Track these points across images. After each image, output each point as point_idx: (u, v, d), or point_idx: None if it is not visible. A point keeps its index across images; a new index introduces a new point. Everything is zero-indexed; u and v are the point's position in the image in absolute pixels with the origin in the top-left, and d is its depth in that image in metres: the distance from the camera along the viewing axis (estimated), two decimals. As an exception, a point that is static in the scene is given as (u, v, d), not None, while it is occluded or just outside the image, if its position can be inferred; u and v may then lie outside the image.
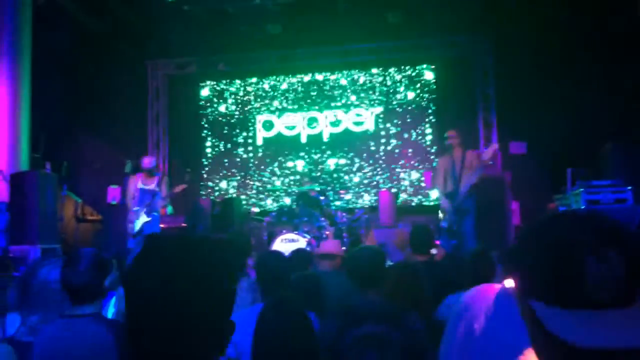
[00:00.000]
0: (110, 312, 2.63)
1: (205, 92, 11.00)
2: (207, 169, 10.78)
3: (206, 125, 10.91)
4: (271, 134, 10.69)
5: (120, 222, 7.75)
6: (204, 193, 10.51)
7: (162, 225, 7.47)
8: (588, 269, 0.84)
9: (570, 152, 7.72)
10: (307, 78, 10.73)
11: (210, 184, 10.71)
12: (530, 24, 8.26)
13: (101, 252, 2.25)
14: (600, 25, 7.75)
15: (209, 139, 10.86)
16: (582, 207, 5.97)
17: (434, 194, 6.71)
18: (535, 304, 0.91)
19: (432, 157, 9.97)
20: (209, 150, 10.83)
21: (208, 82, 10.96)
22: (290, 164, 10.47)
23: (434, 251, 4.31)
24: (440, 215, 6.66)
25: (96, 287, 2.15)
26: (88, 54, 9.23)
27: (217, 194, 10.55)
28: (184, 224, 8.37)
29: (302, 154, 10.50)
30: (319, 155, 10.45)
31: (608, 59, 7.67)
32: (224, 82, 10.93)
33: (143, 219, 6.80)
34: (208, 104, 10.97)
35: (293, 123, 10.66)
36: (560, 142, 8.12)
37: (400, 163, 10.27)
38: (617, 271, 0.83)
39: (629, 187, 5.90)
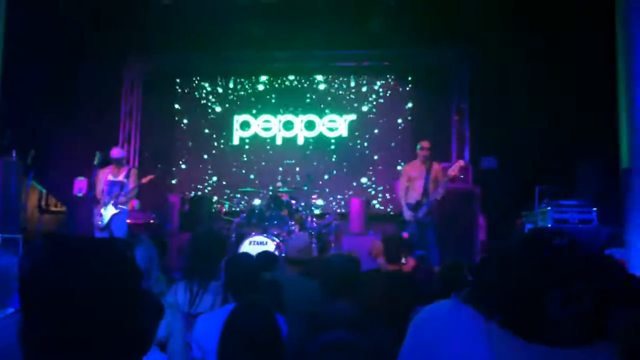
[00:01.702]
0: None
1: (181, 88, 10.88)
2: (179, 165, 10.65)
3: (181, 122, 10.78)
4: (247, 134, 10.63)
5: (86, 214, 7.60)
6: (174, 190, 10.37)
7: (129, 221, 7.34)
8: (551, 306, 0.84)
9: (541, 169, 7.86)
10: (285, 81, 10.71)
11: (180, 181, 10.58)
12: (507, 40, 8.40)
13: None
14: (573, 41, 7.93)
15: (183, 135, 10.73)
16: (549, 226, 6.09)
17: (403, 203, 6.74)
18: (493, 325, 0.91)
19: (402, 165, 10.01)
20: (181, 146, 10.70)
21: (185, 79, 10.84)
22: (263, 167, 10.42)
23: (403, 261, 4.33)
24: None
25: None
26: (62, 45, 9.02)
27: (187, 192, 10.42)
28: (152, 220, 8.24)
29: (276, 157, 10.47)
30: (293, 159, 10.42)
31: (583, 76, 7.84)
32: (202, 79, 10.83)
33: (111, 210, 6.71)
34: (184, 101, 10.84)
35: (269, 125, 10.62)
36: (531, 159, 8.26)
37: (371, 171, 10.31)
38: (581, 311, 0.83)
39: (594, 209, 6.03)
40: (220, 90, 10.80)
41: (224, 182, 10.51)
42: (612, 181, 6.35)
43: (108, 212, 6.68)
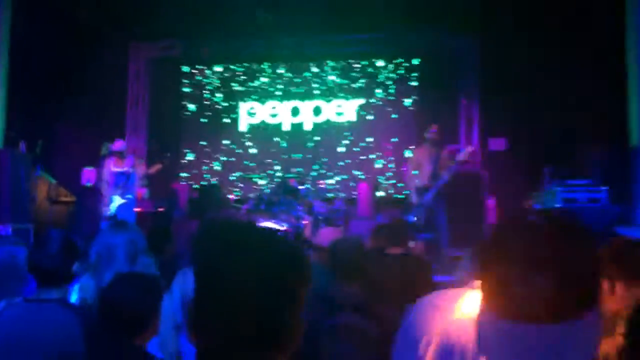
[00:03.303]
0: (72, 298, 2.56)
1: (188, 76, 10.87)
2: (186, 153, 10.67)
3: (188, 110, 10.79)
4: (255, 120, 10.63)
5: (94, 204, 7.64)
6: (183, 178, 10.41)
7: (137, 209, 7.38)
8: (515, 287, 0.87)
9: (550, 150, 7.80)
10: (292, 66, 10.66)
11: (188, 168, 10.61)
12: (518, 21, 8.30)
13: (72, 235, 2.18)
14: (585, 25, 7.82)
15: (191, 123, 10.74)
16: (558, 206, 6.06)
17: (411, 187, 6.74)
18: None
19: (411, 150, 9.96)
20: (189, 134, 10.72)
21: (191, 66, 10.83)
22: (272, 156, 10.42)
23: (411, 244, 4.32)
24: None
25: (65, 271, 2.08)
26: (69, 34, 9.02)
27: (196, 179, 10.45)
28: (160, 209, 8.28)
29: (284, 143, 10.47)
30: (300, 145, 10.41)
31: (594, 58, 7.74)
32: (208, 67, 10.81)
33: (118, 201, 6.75)
34: (190, 89, 10.84)
35: (276, 111, 10.60)
36: (541, 140, 8.20)
37: (379, 155, 10.28)
38: (544, 295, 0.85)
39: (604, 187, 5.99)
40: (227, 77, 10.78)
41: (232, 169, 10.52)
42: (621, 160, 6.30)
43: (115, 202, 6.73)
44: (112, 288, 1.91)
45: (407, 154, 9.85)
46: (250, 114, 10.64)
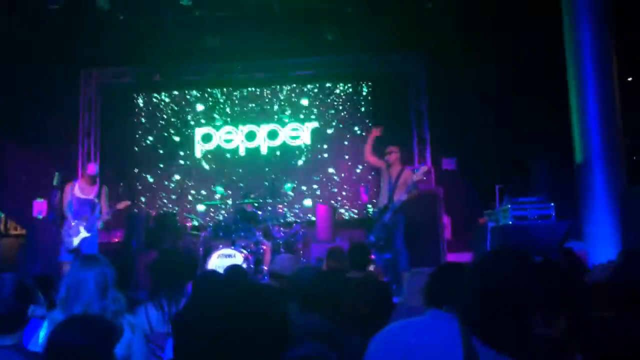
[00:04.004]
0: (41, 334, 2.50)
1: (140, 103, 10.74)
2: (142, 181, 10.49)
3: (142, 137, 10.64)
4: (210, 146, 10.56)
5: (47, 236, 7.40)
6: (138, 207, 10.21)
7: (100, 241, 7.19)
8: (534, 329, 0.89)
9: (500, 168, 8.07)
10: (245, 91, 10.69)
11: (144, 197, 10.43)
12: (463, 42, 8.61)
13: (25, 277, 2.13)
14: (532, 44, 8.17)
15: (145, 150, 10.59)
16: (510, 223, 6.25)
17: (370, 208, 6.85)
18: (476, 340, 0.95)
19: (366, 172, 10.10)
20: (144, 162, 10.55)
21: (144, 94, 10.71)
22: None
23: (371, 268, 4.38)
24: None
25: (18, 317, 2.03)
26: (17, 60, 8.82)
27: (152, 208, 10.26)
28: (116, 239, 8.09)
29: (240, 168, 10.44)
30: (257, 169, 10.40)
31: (541, 77, 8.08)
32: (161, 93, 10.72)
33: (82, 234, 6.47)
34: (143, 116, 10.70)
35: (231, 137, 10.58)
36: (491, 158, 8.47)
37: (335, 178, 10.37)
38: (560, 334, 0.88)
39: (552, 204, 6.23)
40: (180, 103, 10.70)
41: (189, 196, 10.40)
42: (566, 176, 6.57)
43: (79, 234, 6.44)
44: (61, 331, 1.82)
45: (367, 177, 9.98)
46: (205, 140, 10.57)
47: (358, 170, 10.28)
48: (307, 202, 10.15)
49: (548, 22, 7.17)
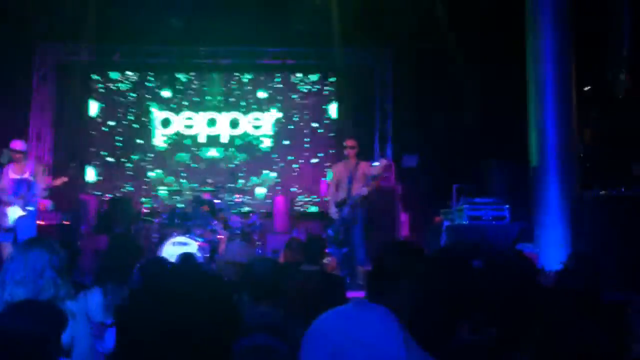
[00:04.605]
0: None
1: (97, 82, 10.39)
2: (96, 163, 10.18)
3: (98, 118, 10.31)
4: (169, 131, 10.33)
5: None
6: (90, 189, 9.90)
7: (41, 222, 6.94)
8: (461, 334, 0.88)
9: (459, 168, 8.17)
10: (208, 77, 10.49)
11: (97, 180, 10.13)
12: (429, 40, 8.67)
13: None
14: (490, 42, 8.30)
15: (100, 132, 10.26)
16: (465, 223, 6.33)
17: (328, 201, 6.83)
18: (407, 335, 0.93)
19: (327, 164, 10.09)
20: (99, 144, 10.23)
21: (102, 73, 10.37)
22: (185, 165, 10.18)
23: (326, 260, 4.35)
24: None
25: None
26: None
27: (106, 192, 9.98)
28: (65, 222, 7.83)
29: (199, 156, 10.26)
30: (216, 157, 10.25)
31: (500, 78, 8.21)
32: (120, 74, 10.40)
33: (18, 212, 6.28)
34: (100, 97, 10.37)
35: (191, 122, 10.38)
36: (449, 158, 8.57)
37: (296, 169, 10.32)
38: (490, 343, 0.88)
39: (507, 206, 6.34)
40: (139, 85, 10.41)
41: (145, 181, 10.16)
42: (521, 179, 6.69)
43: (14, 213, 6.25)
44: (6, 317, 1.78)
45: (322, 166, 9.97)
46: (164, 124, 10.33)
47: (316, 161, 10.24)
48: (262, 191, 10.08)
49: (512, 24, 7.25)
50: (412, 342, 0.94)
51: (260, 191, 10.13)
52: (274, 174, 10.27)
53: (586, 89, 7.77)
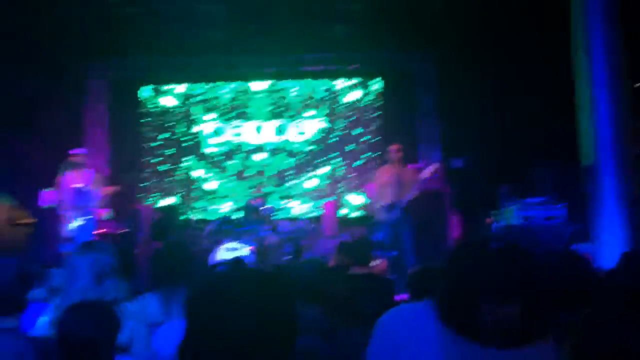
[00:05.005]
0: (44, 320, 2.52)
1: (147, 96, 10.75)
2: (150, 173, 10.52)
3: (149, 130, 10.66)
4: (218, 140, 10.58)
5: (54, 225, 7.44)
6: (145, 199, 10.24)
7: (101, 231, 7.23)
8: (482, 315, 0.90)
9: (506, 169, 8.01)
10: (252, 86, 10.68)
11: (151, 189, 10.46)
12: (472, 43, 8.55)
13: (25, 262, 2.15)
14: (537, 42, 8.10)
15: (152, 144, 10.61)
16: (516, 223, 6.20)
17: (376, 206, 6.82)
18: (439, 324, 0.96)
19: (373, 169, 10.06)
20: (152, 154, 10.58)
21: (151, 87, 10.73)
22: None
23: (374, 263, 4.36)
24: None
25: (18, 300, 2.05)
26: (25, 52, 8.83)
27: (159, 201, 10.30)
28: (122, 230, 8.13)
29: (247, 163, 10.45)
30: (264, 162, 10.41)
31: (547, 77, 8.00)
32: (168, 86, 10.73)
33: (77, 221, 6.55)
34: (151, 109, 10.72)
35: (240, 131, 10.59)
36: (499, 158, 8.41)
37: (342, 174, 10.35)
38: (511, 322, 0.89)
39: (560, 205, 6.17)
40: (187, 96, 10.71)
41: (196, 190, 10.42)
42: (568, 178, 6.48)
43: (74, 222, 6.52)
44: (67, 316, 1.90)
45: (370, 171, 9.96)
46: (213, 134, 10.58)
47: (361, 165, 10.24)
48: (309, 196, 10.15)
49: (557, 22, 7.06)
50: (455, 337, 0.96)
51: (308, 196, 10.22)
52: (320, 180, 10.34)
53: (636, 85, 7.48)
